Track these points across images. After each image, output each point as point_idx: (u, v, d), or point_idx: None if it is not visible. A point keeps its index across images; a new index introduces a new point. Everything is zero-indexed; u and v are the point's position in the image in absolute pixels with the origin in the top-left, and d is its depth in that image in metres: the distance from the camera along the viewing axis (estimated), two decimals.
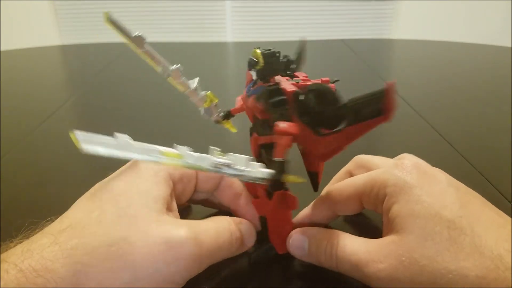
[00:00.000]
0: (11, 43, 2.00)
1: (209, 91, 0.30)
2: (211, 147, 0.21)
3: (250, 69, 0.24)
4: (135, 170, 0.24)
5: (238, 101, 0.30)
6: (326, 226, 0.30)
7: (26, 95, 0.71)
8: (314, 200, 0.29)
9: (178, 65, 0.27)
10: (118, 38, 0.25)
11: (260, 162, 0.24)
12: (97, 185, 0.25)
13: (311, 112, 0.21)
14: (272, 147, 0.24)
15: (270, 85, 0.24)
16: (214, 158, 0.20)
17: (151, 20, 2.33)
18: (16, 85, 0.76)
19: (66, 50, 1.19)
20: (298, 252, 0.26)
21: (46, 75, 0.86)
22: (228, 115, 0.31)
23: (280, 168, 0.22)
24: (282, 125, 0.22)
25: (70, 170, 0.43)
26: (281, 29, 2.42)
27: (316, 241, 0.25)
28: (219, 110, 0.31)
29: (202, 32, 2.38)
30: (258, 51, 0.23)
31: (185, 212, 0.32)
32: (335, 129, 0.21)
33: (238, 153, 0.23)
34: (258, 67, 0.23)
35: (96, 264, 0.20)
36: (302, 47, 0.27)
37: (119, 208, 0.22)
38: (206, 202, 0.31)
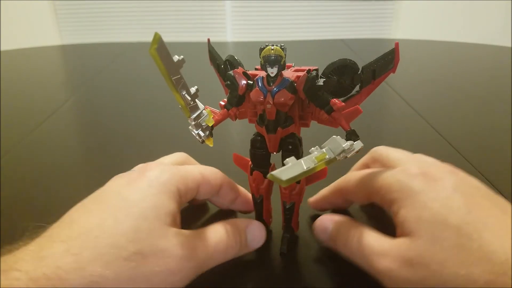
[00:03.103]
0: (11, 43, 2.01)
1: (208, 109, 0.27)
2: (334, 136, 0.23)
3: (272, 67, 0.24)
4: (144, 180, 0.25)
5: (221, 107, 0.28)
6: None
7: (26, 95, 0.71)
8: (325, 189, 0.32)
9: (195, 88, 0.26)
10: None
11: (286, 152, 0.26)
12: (105, 190, 0.25)
13: (336, 84, 0.25)
14: (291, 136, 0.26)
15: (309, 72, 0.25)
16: (342, 146, 0.23)
17: (151, 20, 2.33)
18: (16, 85, 0.76)
19: (66, 50, 1.19)
20: (321, 234, 0.28)
21: (46, 75, 0.87)
22: (211, 131, 0.27)
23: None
24: (339, 102, 0.25)
25: (70, 170, 0.43)
26: (281, 29, 2.42)
27: (338, 227, 0.27)
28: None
29: (202, 32, 2.38)
30: (277, 47, 0.24)
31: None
32: (353, 93, 0.25)
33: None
34: (282, 62, 0.24)
35: (111, 277, 0.20)
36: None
37: (134, 220, 0.22)
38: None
